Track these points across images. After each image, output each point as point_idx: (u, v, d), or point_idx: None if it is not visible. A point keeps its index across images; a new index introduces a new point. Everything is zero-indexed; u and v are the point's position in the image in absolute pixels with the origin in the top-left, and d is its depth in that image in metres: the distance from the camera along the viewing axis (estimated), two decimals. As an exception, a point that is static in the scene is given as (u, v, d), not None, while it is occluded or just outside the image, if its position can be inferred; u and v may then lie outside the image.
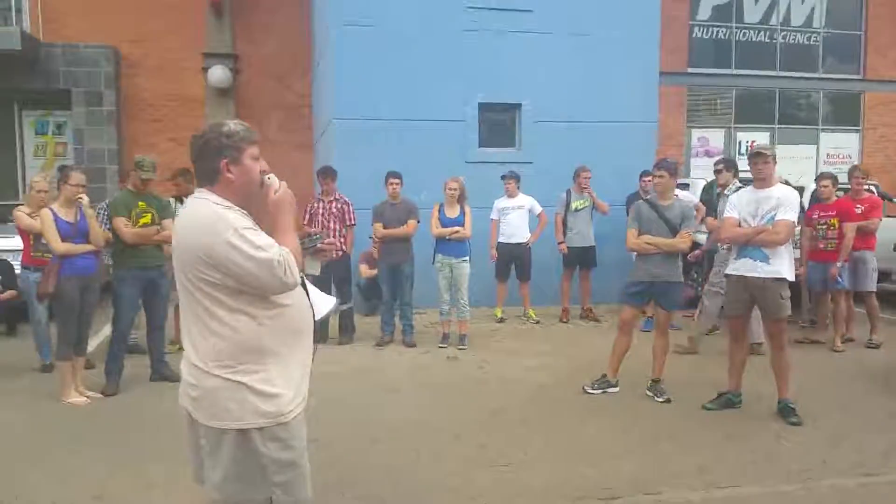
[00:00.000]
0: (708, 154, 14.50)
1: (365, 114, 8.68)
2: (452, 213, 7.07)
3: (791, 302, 4.91)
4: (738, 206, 4.99)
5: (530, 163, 8.96)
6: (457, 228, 6.98)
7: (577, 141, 8.92)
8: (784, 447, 4.40)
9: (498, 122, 9.30)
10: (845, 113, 14.84)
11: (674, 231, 5.24)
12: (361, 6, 8.69)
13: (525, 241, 8.22)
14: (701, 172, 12.82)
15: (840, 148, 14.91)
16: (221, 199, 2.22)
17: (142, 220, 5.66)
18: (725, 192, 6.66)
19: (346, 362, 6.43)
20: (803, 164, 14.54)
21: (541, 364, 6.37)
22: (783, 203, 4.75)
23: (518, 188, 8.25)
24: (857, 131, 14.93)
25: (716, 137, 14.56)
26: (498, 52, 8.95)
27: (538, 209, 8.32)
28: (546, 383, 5.78)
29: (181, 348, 6.18)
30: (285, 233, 2.27)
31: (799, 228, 7.10)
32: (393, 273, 7.15)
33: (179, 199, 6.76)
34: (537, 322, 8.23)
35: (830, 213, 7.13)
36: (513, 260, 8.28)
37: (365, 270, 8.33)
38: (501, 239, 8.21)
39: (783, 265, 4.81)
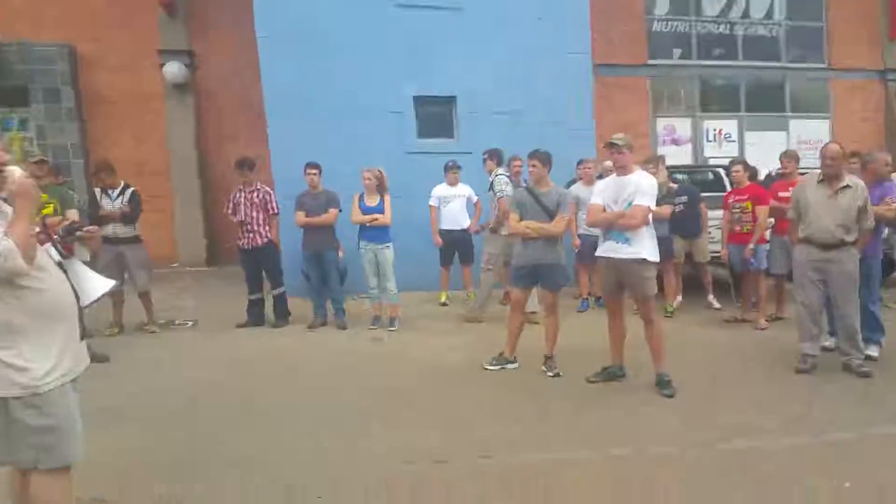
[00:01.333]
0: (675, 143, 14.71)
1: (299, 111, 8.86)
2: (372, 201, 7.31)
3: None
4: (603, 192, 5.28)
5: (469, 153, 9.16)
6: (375, 216, 7.22)
7: (515, 131, 9.09)
8: (641, 416, 4.63)
9: (435, 115, 9.52)
10: (813, 100, 14.97)
11: (551, 216, 5.52)
12: (283, 13, 8.89)
13: (466, 227, 8.52)
14: (669, 161, 13.06)
15: (811, 134, 15.05)
16: None
17: (43, 211, 5.91)
18: (490, 178, 7.51)
19: (269, 344, 6.76)
20: (775, 150, 14.76)
21: (461, 344, 6.63)
22: (639, 190, 5.03)
23: (457, 178, 8.52)
24: (825, 118, 15.06)
25: (682, 126, 14.74)
26: (429, 46, 9.16)
27: (475, 198, 8.58)
28: (455, 362, 6.05)
29: (121, 331, 6.38)
30: (18, 221, 2.49)
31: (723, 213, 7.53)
32: (318, 260, 7.40)
33: (105, 191, 7.09)
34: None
35: (743, 197, 7.35)
36: (456, 246, 8.57)
37: None
38: (444, 226, 8.49)
39: (643, 246, 5.07)
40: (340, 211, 7.40)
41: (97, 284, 2.84)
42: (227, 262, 10.18)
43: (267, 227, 7.46)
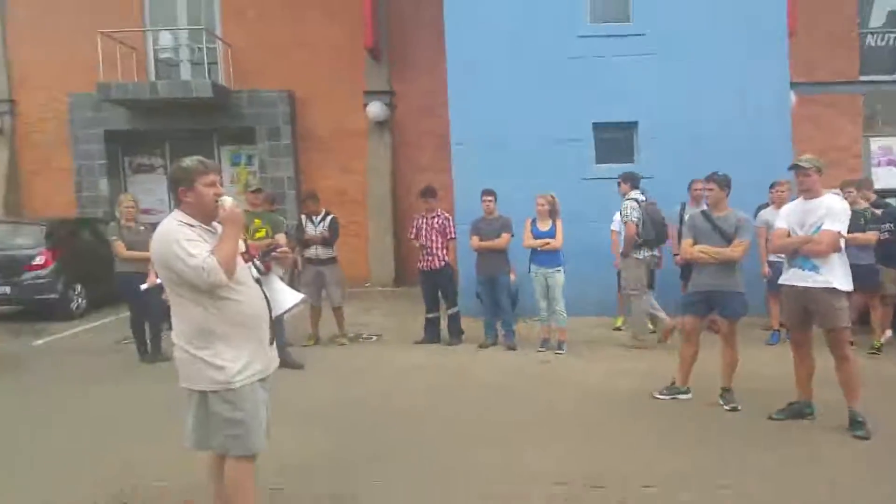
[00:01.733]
0: (893, 164, 13.19)
1: (481, 137, 9.32)
2: (544, 226, 7.45)
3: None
4: (788, 216, 4.96)
5: (650, 177, 8.99)
6: (547, 240, 7.34)
7: (699, 155, 8.72)
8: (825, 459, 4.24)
9: (613, 140, 9.47)
10: None
11: (728, 241, 5.27)
12: (472, 45, 9.42)
13: None
14: (883, 182, 11.78)
15: None
16: (184, 216, 2.98)
17: (257, 235, 6.78)
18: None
19: (441, 360, 7.12)
20: None
21: (631, 370, 6.50)
22: (830, 213, 4.66)
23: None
24: None
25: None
26: (611, 74, 9.20)
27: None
28: (622, 388, 5.94)
29: (316, 342, 7.13)
30: (225, 241, 2.93)
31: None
32: (491, 283, 7.66)
33: (310, 217, 7.92)
34: (653, 332, 8.20)
35: None
36: None
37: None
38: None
39: (834, 275, 4.67)
40: (513, 236, 7.62)
41: (289, 297, 3.22)
42: (412, 283, 10.82)
43: (445, 251, 7.88)
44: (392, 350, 7.68)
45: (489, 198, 7.73)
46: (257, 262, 3.16)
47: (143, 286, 6.85)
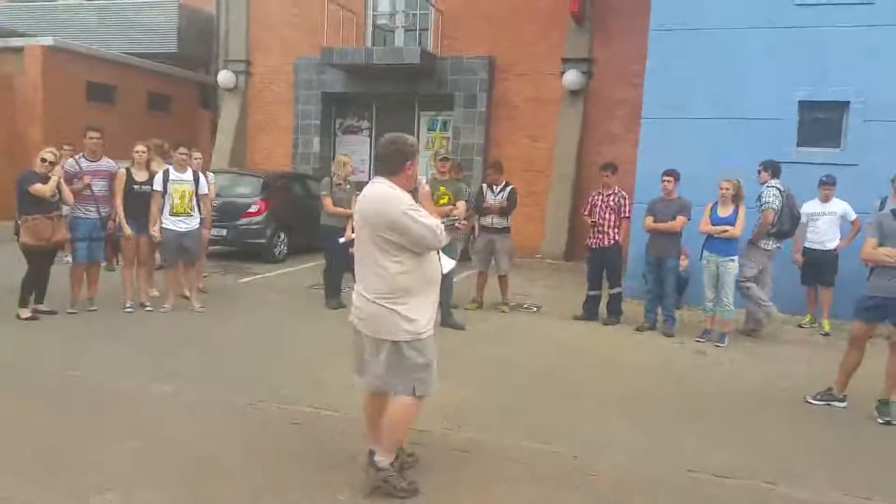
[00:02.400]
0: None
1: (674, 112, 8.94)
2: (725, 212, 7.07)
3: None
4: None
5: (855, 165, 8.11)
6: (725, 227, 6.98)
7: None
8: None
9: (820, 122, 8.56)
10: None
11: (919, 246, 4.69)
12: (679, 9, 8.95)
13: (832, 247, 7.70)
14: None
15: None
16: (395, 185, 3.30)
17: (441, 201, 7.22)
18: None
19: (594, 338, 7.14)
20: None
21: (790, 372, 6.10)
22: None
23: (831, 194, 7.74)
24: None
25: None
26: (825, 48, 8.29)
27: (852, 215, 7.68)
28: (774, 388, 5.62)
29: (479, 307, 7.60)
30: (428, 214, 3.31)
31: None
32: (658, 265, 7.48)
33: (490, 187, 8.24)
34: (826, 334, 7.56)
35: None
36: (818, 266, 7.81)
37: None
38: (808, 244, 7.82)
39: None
40: (689, 220, 7.33)
41: (446, 263, 3.58)
42: (583, 258, 10.78)
43: (616, 230, 7.79)
44: (549, 322, 7.81)
45: (669, 178, 7.48)
46: None
47: (342, 240, 7.62)
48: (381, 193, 3.28)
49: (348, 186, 8.06)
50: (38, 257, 6.68)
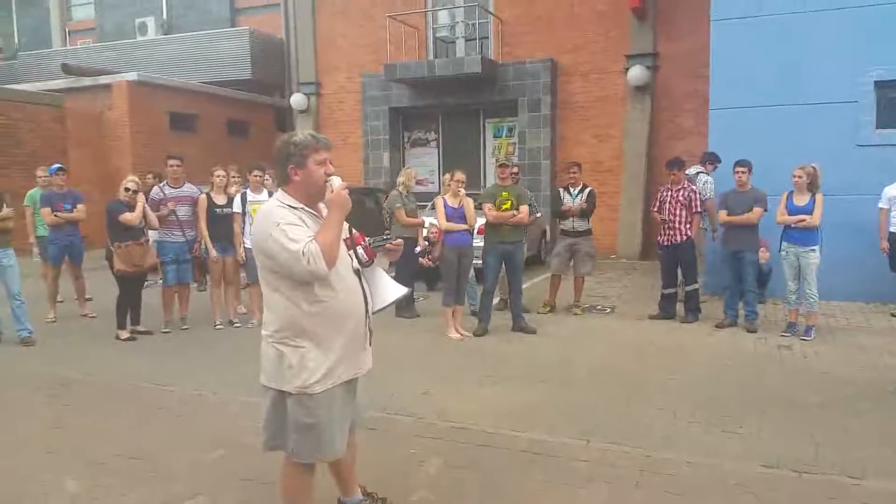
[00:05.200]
0: None
1: (743, 102, 8.68)
2: (801, 201, 6.83)
3: None
4: None
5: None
6: (803, 217, 6.73)
7: None
8: None
9: (900, 102, 8.15)
10: None
11: None
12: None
13: None
14: None
15: None
16: (287, 198, 2.70)
17: (504, 206, 7.26)
18: None
19: (671, 337, 6.98)
20: None
21: (881, 362, 5.84)
22: None
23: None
24: None
25: None
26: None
27: None
28: (860, 379, 5.41)
29: (551, 310, 7.61)
30: (328, 228, 2.63)
31: None
32: (735, 259, 7.27)
33: (567, 189, 8.19)
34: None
35: None
36: None
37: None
38: (894, 229, 7.40)
39: None
40: (766, 211, 7.10)
41: (391, 291, 2.96)
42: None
43: (688, 225, 7.62)
44: (623, 323, 7.71)
45: (742, 169, 7.28)
46: (360, 251, 2.85)
47: (417, 249, 7.79)
48: (261, 211, 2.76)
49: (413, 197, 8.24)
50: (130, 281, 7.14)
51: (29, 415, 4.90)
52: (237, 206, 7.54)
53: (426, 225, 8.18)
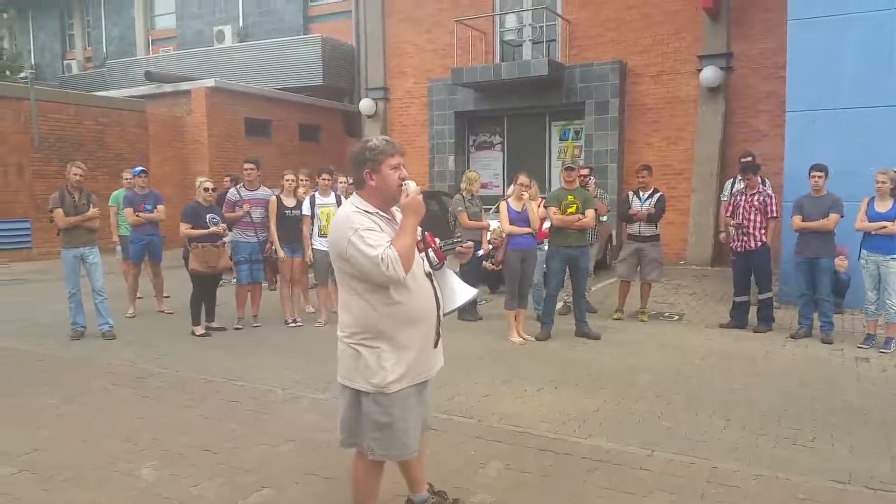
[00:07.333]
0: None
1: (821, 104, 8.36)
2: (883, 207, 6.53)
3: None
4: None
5: None
6: (884, 223, 6.43)
7: None
8: None
9: None
10: None
11: None
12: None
13: None
14: None
15: None
16: (362, 203, 2.77)
17: (569, 210, 7.22)
18: None
19: (741, 346, 6.78)
20: None
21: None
22: None
23: None
24: None
25: None
26: None
27: None
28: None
29: (619, 317, 7.51)
30: (404, 233, 2.69)
31: None
32: (810, 266, 7.00)
33: (637, 193, 8.11)
34: None
35: None
36: None
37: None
38: None
39: None
40: (843, 217, 6.82)
41: (461, 293, 3.01)
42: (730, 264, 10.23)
43: (763, 231, 7.38)
44: (691, 331, 7.52)
45: (818, 174, 7.02)
46: (430, 254, 2.92)
47: (479, 252, 7.83)
48: (338, 216, 2.82)
49: (477, 200, 8.28)
50: (205, 280, 7.46)
51: (109, 405, 5.18)
52: (306, 209, 7.75)
53: (490, 228, 8.21)
